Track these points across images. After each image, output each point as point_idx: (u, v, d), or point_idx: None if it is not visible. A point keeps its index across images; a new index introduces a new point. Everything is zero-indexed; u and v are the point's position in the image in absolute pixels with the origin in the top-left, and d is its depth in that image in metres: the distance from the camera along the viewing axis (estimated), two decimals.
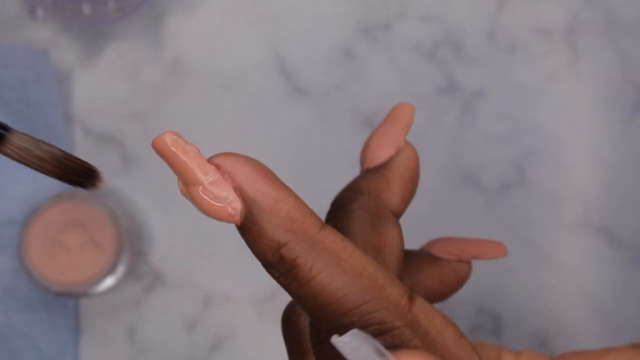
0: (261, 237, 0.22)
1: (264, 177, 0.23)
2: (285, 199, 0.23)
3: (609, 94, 0.55)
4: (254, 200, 0.23)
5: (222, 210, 0.23)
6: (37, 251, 0.51)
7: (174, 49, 0.55)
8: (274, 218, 0.22)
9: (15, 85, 0.53)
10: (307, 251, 0.22)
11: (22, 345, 0.52)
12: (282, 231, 0.22)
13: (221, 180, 0.23)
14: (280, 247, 0.22)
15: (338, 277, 0.22)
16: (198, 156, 0.22)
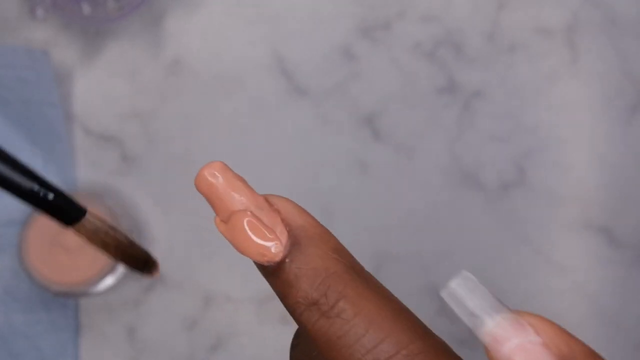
0: (307, 267, 0.21)
1: (309, 214, 0.22)
2: (331, 234, 0.21)
3: (609, 93, 0.55)
4: (303, 227, 0.21)
5: (265, 246, 0.21)
6: (37, 251, 0.51)
7: (174, 48, 0.55)
8: (323, 245, 0.21)
9: (15, 86, 0.53)
10: (357, 280, 0.21)
11: (22, 345, 0.52)
12: (331, 258, 0.21)
13: (270, 210, 0.21)
14: (328, 275, 0.20)
15: (388, 310, 0.20)
16: (247, 186, 0.22)
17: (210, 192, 0.22)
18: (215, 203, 0.22)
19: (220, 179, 0.22)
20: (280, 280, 0.21)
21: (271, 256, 0.21)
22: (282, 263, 0.21)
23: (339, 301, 0.20)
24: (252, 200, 0.21)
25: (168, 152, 0.55)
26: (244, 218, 0.21)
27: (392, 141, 0.54)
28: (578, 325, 0.53)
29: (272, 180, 0.54)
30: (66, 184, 0.53)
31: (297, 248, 0.21)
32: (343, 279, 0.20)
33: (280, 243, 0.21)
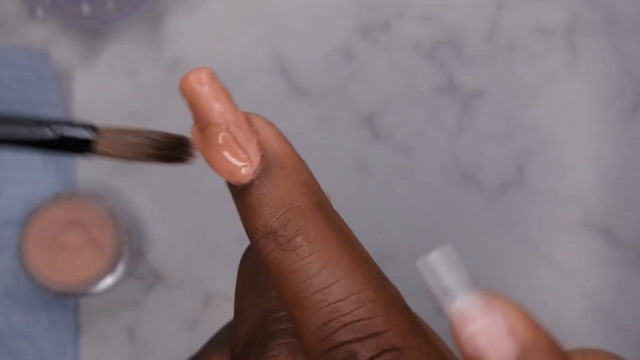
0: (272, 195, 0.20)
1: (289, 143, 0.21)
2: (305, 167, 0.21)
3: (609, 93, 0.55)
4: (277, 155, 0.21)
5: (235, 165, 0.20)
6: (37, 251, 0.50)
7: (173, 48, 0.55)
8: (293, 177, 0.21)
9: (15, 86, 0.53)
10: (319, 219, 0.20)
11: (21, 345, 0.52)
12: (298, 192, 0.20)
13: (248, 130, 0.21)
14: (292, 208, 0.20)
15: (346, 254, 0.20)
16: (231, 100, 0.21)
17: (193, 98, 0.21)
18: (196, 110, 0.21)
19: (206, 88, 0.21)
20: (244, 203, 0.21)
21: (239, 177, 0.20)
22: (249, 186, 0.20)
23: (297, 237, 0.20)
24: (232, 115, 0.21)
25: None
26: (219, 133, 0.21)
27: (392, 141, 0.54)
28: (577, 325, 0.53)
29: None
30: (66, 184, 0.53)
31: (266, 174, 0.20)
32: (305, 215, 0.20)
33: (250, 165, 0.20)
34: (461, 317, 0.18)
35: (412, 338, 0.19)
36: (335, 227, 0.20)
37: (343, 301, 0.19)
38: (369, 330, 0.19)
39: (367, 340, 0.19)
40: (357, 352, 0.19)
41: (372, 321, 0.19)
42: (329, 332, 0.19)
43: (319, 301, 0.19)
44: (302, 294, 0.19)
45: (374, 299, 0.19)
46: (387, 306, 0.19)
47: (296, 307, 0.19)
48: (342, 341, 0.19)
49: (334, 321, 0.19)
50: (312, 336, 0.19)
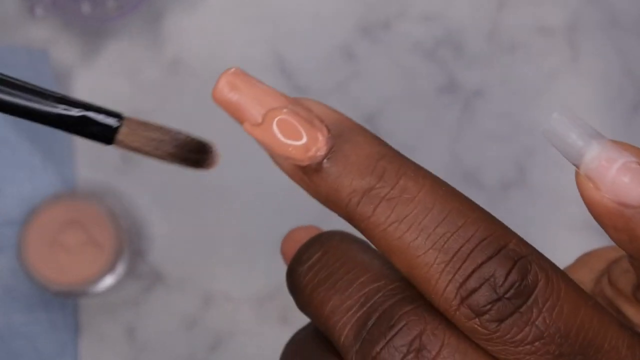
0: (356, 155, 0.19)
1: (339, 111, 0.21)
2: (366, 129, 0.20)
3: (609, 93, 0.55)
4: (339, 120, 0.20)
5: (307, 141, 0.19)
6: (37, 251, 0.50)
7: (173, 48, 0.55)
8: (365, 133, 0.20)
9: None
10: (408, 160, 0.20)
11: (21, 345, 0.52)
12: (378, 143, 0.20)
13: (302, 107, 0.20)
14: (381, 158, 0.19)
15: (444, 183, 0.19)
16: (272, 88, 0.20)
17: (237, 102, 0.20)
18: (241, 108, 0.20)
19: (246, 88, 0.20)
20: (329, 174, 0.20)
21: (316, 149, 0.19)
22: (327, 156, 0.20)
23: (400, 179, 0.19)
24: (284, 99, 0.20)
25: None
26: (280, 114, 0.20)
27: (392, 141, 0.54)
28: None
29: (272, 179, 0.54)
30: (65, 184, 0.53)
31: (341, 138, 0.20)
32: (397, 160, 0.20)
33: (323, 135, 0.20)
34: (603, 161, 0.18)
35: (529, 245, 0.19)
36: (420, 165, 0.20)
37: (464, 226, 0.19)
38: (497, 246, 0.19)
39: (499, 255, 0.19)
40: (494, 270, 0.18)
41: (495, 236, 0.19)
42: (461, 260, 0.19)
43: (442, 234, 0.19)
44: (423, 234, 0.19)
45: (486, 217, 0.19)
46: (497, 220, 0.20)
47: (418, 253, 0.19)
48: (477, 264, 0.19)
49: (463, 248, 0.19)
50: (443, 275, 0.19)
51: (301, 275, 0.22)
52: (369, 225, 0.19)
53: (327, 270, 0.21)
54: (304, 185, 0.21)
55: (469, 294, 0.18)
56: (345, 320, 0.20)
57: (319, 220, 0.23)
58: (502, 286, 0.18)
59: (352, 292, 0.20)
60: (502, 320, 0.18)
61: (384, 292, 0.20)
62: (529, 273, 0.19)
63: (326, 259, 0.22)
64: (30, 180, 0.53)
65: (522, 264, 0.19)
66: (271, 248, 0.56)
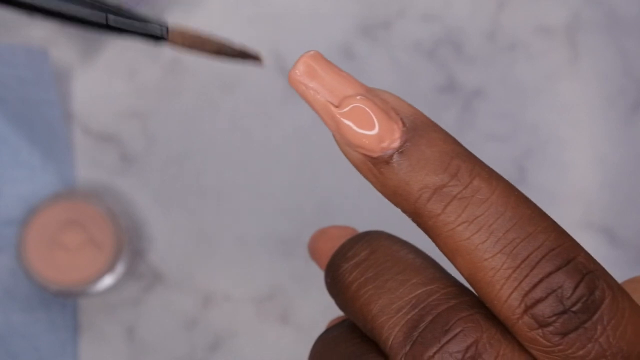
0: (431, 150, 0.19)
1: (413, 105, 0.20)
2: (439, 125, 0.20)
3: (610, 92, 0.55)
4: (415, 114, 0.20)
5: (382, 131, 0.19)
6: (36, 250, 0.50)
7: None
8: (440, 130, 0.19)
9: (14, 85, 0.53)
10: (481, 161, 0.19)
11: (20, 345, 0.52)
12: (452, 141, 0.19)
13: (379, 97, 0.20)
14: (455, 156, 0.19)
15: (516, 189, 0.19)
16: (349, 75, 0.20)
17: (315, 90, 0.20)
18: (321, 93, 0.20)
19: (324, 74, 0.20)
20: (400, 168, 0.19)
21: (390, 141, 0.19)
22: (398, 150, 0.19)
23: (474, 179, 0.19)
24: (360, 88, 0.20)
25: (168, 152, 0.54)
26: (353, 103, 0.19)
27: None
28: None
29: (272, 179, 0.54)
30: (65, 184, 0.53)
31: (416, 133, 0.19)
32: (471, 160, 0.19)
33: (399, 127, 0.19)
34: None
35: (595, 260, 0.19)
36: (492, 168, 0.20)
37: (534, 234, 0.19)
38: (566, 257, 0.18)
39: (568, 267, 0.18)
40: (563, 281, 0.18)
41: (565, 247, 0.19)
42: (529, 268, 0.18)
43: (512, 239, 0.18)
44: (493, 237, 0.18)
45: (555, 228, 0.19)
46: (565, 232, 0.19)
47: (485, 256, 0.18)
48: (546, 273, 0.18)
49: (532, 255, 0.18)
50: (509, 281, 0.18)
51: (346, 272, 0.21)
52: (437, 223, 0.19)
53: (376, 269, 0.21)
54: (371, 176, 0.20)
55: (535, 304, 0.18)
56: (395, 321, 0.19)
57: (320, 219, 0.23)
58: (570, 299, 0.18)
59: (402, 292, 0.20)
60: (566, 334, 0.18)
61: (437, 296, 0.19)
62: (596, 289, 0.18)
63: (375, 257, 0.21)
64: (30, 180, 0.53)
65: (590, 278, 0.18)
66: (271, 248, 0.56)
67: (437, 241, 0.19)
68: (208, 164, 0.54)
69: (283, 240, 0.54)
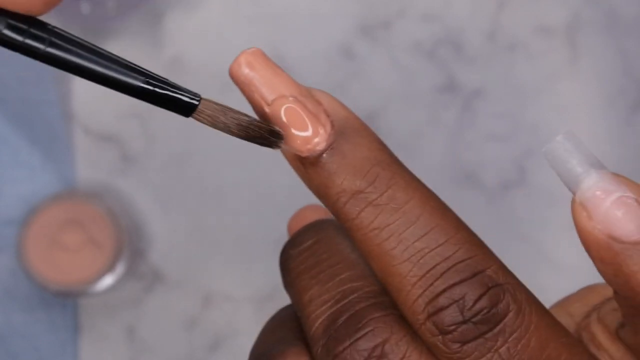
0: (353, 155, 0.20)
1: (349, 109, 0.21)
2: (371, 131, 0.21)
3: (610, 92, 0.55)
4: (346, 118, 0.21)
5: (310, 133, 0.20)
6: (36, 250, 0.50)
7: (173, 47, 0.55)
8: (368, 136, 0.20)
9: (14, 85, 0.53)
10: (405, 170, 0.20)
11: (20, 344, 0.52)
12: (377, 148, 0.20)
13: (313, 98, 0.21)
14: (376, 163, 0.20)
15: (435, 199, 0.20)
16: (287, 74, 0.21)
17: (251, 82, 0.21)
18: (256, 92, 0.21)
19: (261, 68, 0.21)
20: (323, 170, 0.20)
21: (315, 144, 0.20)
22: (324, 153, 0.20)
23: (389, 188, 0.20)
24: (295, 88, 0.21)
25: (168, 152, 0.54)
26: (286, 103, 0.21)
27: (392, 140, 0.54)
28: None
29: (272, 179, 0.54)
30: (65, 184, 0.53)
31: (342, 137, 0.20)
32: (392, 168, 0.20)
33: (325, 131, 0.20)
34: (599, 192, 0.19)
35: (509, 273, 0.20)
36: (416, 177, 0.20)
37: (443, 245, 0.19)
38: (473, 270, 0.19)
39: (473, 279, 0.19)
40: (465, 293, 0.19)
41: (474, 260, 0.19)
42: (434, 278, 0.19)
43: (420, 249, 0.19)
44: (401, 245, 0.19)
45: (469, 239, 0.20)
46: (481, 245, 0.20)
47: (394, 262, 0.19)
48: (449, 284, 0.19)
49: (438, 266, 0.19)
50: (414, 288, 0.19)
51: (290, 258, 0.22)
52: (352, 226, 0.20)
53: (315, 259, 0.22)
54: (299, 173, 0.21)
55: (437, 311, 0.19)
56: (319, 313, 0.20)
57: None
58: (471, 310, 0.19)
59: (331, 286, 0.21)
60: (465, 343, 0.19)
61: (359, 293, 0.20)
62: (500, 302, 0.19)
63: (316, 247, 0.22)
64: (30, 180, 0.53)
65: (495, 291, 0.19)
66: (271, 248, 0.56)
67: (355, 243, 0.20)
68: (208, 164, 0.54)
69: (283, 240, 0.54)
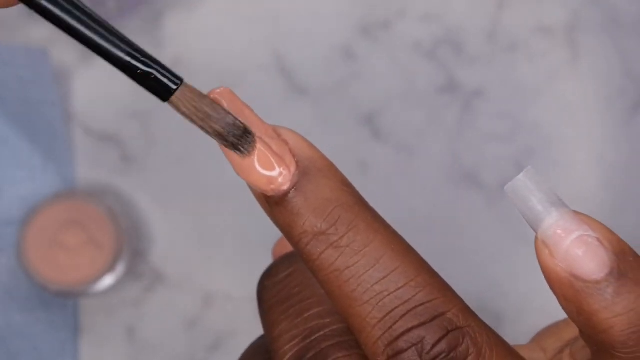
0: (316, 196, 0.20)
1: (316, 148, 0.21)
2: (337, 168, 0.21)
3: (610, 92, 0.55)
4: (312, 158, 0.21)
5: (274, 174, 0.20)
6: (36, 250, 0.50)
7: (173, 48, 0.55)
8: (332, 177, 0.20)
9: (14, 85, 0.53)
10: (366, 212, 0.20)
11: (20, 345, 0.52)
12: (340, 189, 0.20)
13: (278, 139, 0.21)
14: (338, 205, 0.20)
15: (396, 242, 0.20)
16: (255, 114, 0.21)
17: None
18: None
19: (227, 105, 0.21)
20: (287, 210, 0.20)
21: (279, 184, 0.20)
22: (289, 193, 0.20)
23: (350, 231, 0.20)
24: (261, 128, 0.21)
25: (168, 152, 0.54)
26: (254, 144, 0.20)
27: (392, 141, 0.54)
28: None
29: None
30: (65, 184, 0.53)
31: (306, 178, 0.20)
32: (354, 210, 0.20)
33: (289, 172, 0.20)
34: (559, 232, 0.19)
35: (470, 316, 0.20)
36: (380, 218, 0.20)
37: (403, 288, 0.19)
38: (433, 313, 0.19)
39: (432, 322, 0.19)
40: (424, 336, 0.19)
41: (434, 303, 0.19)
42: (393, 321, 0.19)
43: (379, 292, 0.19)
44: (361, 288, 0.19)
45: (430, 282, 0.20)
46: (443, 287, 0.20)
47: (354, 304, 0.19)
48: (408, 328, 0.19)
49: (397, 309, 0.19)
50: (374, 330, 0.19)
51: (265, 290, 0.23)
52: (314, 267, 0.20)
53: (287, 293, 0.22)
54: (266, 211, 0.21)
55: (395, 354, 0.19)
56: (286, 349, 0.21)
57: None
58: (429, 353, 0.19)
59: (299, 322, 0.21)
60: None
61: (325, 331, 0.21)
62: (459, 345, 0.19)
63: (289, 280, 0.23)
64: (30, 180, 0.53)
65: (455, 335, 0.19)
66: (271, 248, 0.56)
67: (318, 282, 0.20)
68: (208, 164, 0.54)
69: None
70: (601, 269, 0.19)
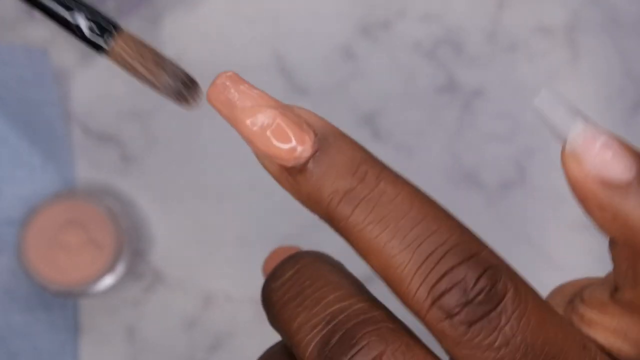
0: (340, 157, 0.20)
1: None
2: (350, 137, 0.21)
3: (610, 92, 0.55)
4: (325, 126, 0.21)
5: (294, 143, 0.21)
6: (36, 251, 0.50)
7: (173, 48, 0.55)
8: (349, 139, 0.21)
9: (13, 85, 0.53)
10: (388, 167, 0.21)
11: (20, 345, 0.52)
12: (360, 148, 0.21)
13: (292, 112, 0.21)
14: (363, 161, 0.20)
15: (421, 190, 0.21)
16: (264, 92, 0.22)
17: (232, 98, 0.21)
18: (233, 108, 0.21)
19: (241, 86, 0.22)
20: (312, 175, 0.20)
21: (300, 151, 0.20)
22: (310, 159, 0.20)
23: (380, 182, 0.20)
24: (274, 104, 0.21)
25: (168, 152, 0.54)
26: (270, 115, 0.21)
27: (392, 140, 0.54)
28: None
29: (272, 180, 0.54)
30: (65, 184, 0.53)
31: (326, 142, 0.21)
32: (378, 165, 0.21)
33: (310, 138, 0.21)
34: (589, 137, 0.20)
35: (499, 257, 0.20)
36: (399, 173, 0.21)
37: (438, 231, 0.20)
38: (468, 253, 0.20)
39: (469, 261, 0.19)
40: (465, 274, 0.19)
41: (468, 245, 0.20)
42: (433, 263, 0.19)
43: (417, 236, 0.20)
44: (398, 237, 0.19)
45: (459, 225, 0.20)
46: (470, 232, 0.21)
47: (392, 255, 0.19)
48: (449, 267, 0.19)
49: (436, 252, 0.19)
50: (416, 276, 0.19)
51: (272, 291, 0.23)
52: (347, 225, 0.20)
53: (298, 288, 0.22)
54: (287, 185, 0.22)
55: (440, 296, 0.19)
56: (310, 338, 0.21)
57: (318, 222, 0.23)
58: (473, 289, 0.19)
59: (319, 310, 0.21)
60: (472, 324, 0.19)
61: (348, 312, 0.21)
62: (498, 281, 0.20)
63: (297, 276, 0.23)
64: (30, 180, 0.53)
65: (492, 272, 0.20)
66: (271, 248, 0.56)
67: (350, 242, 0.20)
68: (208, 164, 0.54)
69: (283, 240, 0.54)
70: (629, 170, 0.20)
